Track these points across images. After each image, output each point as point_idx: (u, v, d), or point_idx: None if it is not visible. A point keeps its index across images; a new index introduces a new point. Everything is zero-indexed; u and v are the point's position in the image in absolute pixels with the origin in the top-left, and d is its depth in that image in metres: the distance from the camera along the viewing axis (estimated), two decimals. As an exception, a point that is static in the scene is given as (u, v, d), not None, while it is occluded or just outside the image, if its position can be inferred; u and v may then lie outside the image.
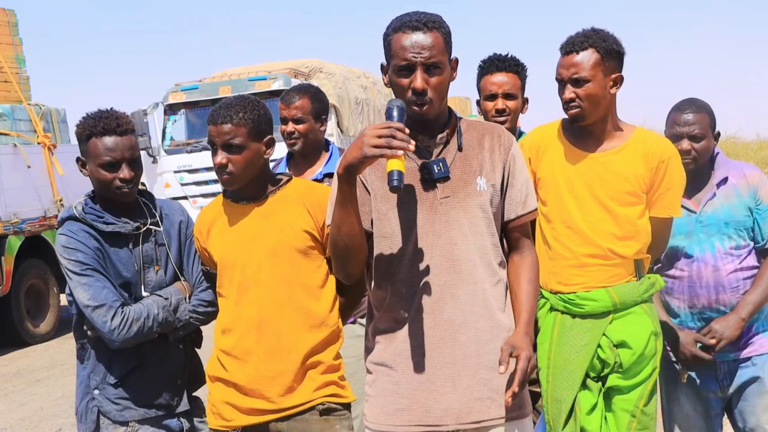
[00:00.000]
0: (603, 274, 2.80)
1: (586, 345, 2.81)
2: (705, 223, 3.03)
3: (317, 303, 2.54)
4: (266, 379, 2.49)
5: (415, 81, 2.15)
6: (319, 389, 2.52)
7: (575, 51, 2.72)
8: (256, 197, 2.58)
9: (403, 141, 1.99)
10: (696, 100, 3.10)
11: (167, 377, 2.68)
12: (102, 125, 2.56)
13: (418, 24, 2.15)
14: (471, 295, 2.21)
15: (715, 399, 3.13)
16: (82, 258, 2.55)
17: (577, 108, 2.74)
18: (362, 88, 16.87)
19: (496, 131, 2.33)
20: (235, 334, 2.54)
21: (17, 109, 9.59)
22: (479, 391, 2.21)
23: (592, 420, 2.83)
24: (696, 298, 3.05)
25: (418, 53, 2.13)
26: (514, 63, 3.37)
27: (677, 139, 3.01)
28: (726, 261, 3.02)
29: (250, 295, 2.52)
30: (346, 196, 2.12)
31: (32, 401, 6.85)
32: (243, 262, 2.53)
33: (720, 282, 3.02)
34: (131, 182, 2.59)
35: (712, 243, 3.03)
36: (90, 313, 2.52)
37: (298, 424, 2.51)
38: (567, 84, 2.74)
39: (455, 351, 2.20)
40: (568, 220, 2.81)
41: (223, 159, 2.48)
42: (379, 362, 2.29)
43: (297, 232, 2.52)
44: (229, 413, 2.54)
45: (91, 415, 2.65)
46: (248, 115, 2.50)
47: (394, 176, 2.00)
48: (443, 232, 2.21)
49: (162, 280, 2.69)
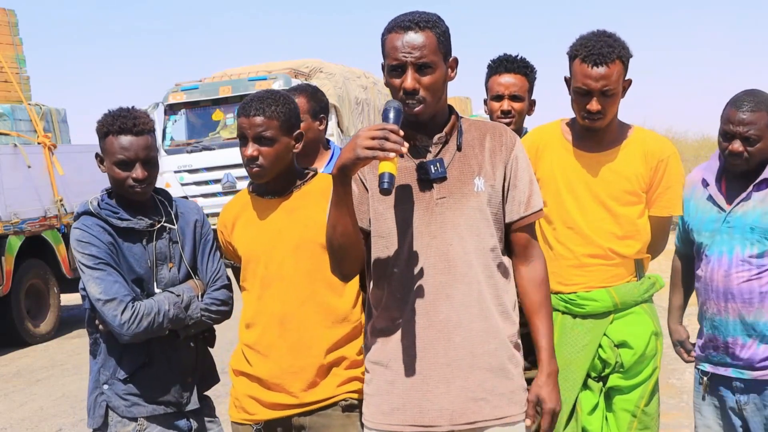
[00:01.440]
0: (603, 274, 2.80)
1: (586, 345, 2.81)
2: (731, 225, 2.79)
3: (340, 299, 2.54)
4: (289, 373, 2.50)
5: (405, 81, 2.14)
6: (342, 385, 2.53)
7: (605, 63, 2.65)
8: (281, 192, 2.59)
9: (396, 143, 1.99)
10: (756, 94, 2.77)
11: (176, 375, 2.68)
12: (119, 124, 2.58)
13: (409, 24, 2.14)
14: (466, 296, 2.20)
15: (735, 415, 2.88)
16: (96, 252, 2.56)
17: (602, 118, 2.72)
18: (362, 88, 16.89)
19: (498, 131, 2.31)
20: (257, 328, 2.55)
21: (17, 109, 9.60)
22: (473, 391, 2.20)
23: (593, 420, 2.83)
24: (708, 302, 2.86)
25: (409, 53, 2.13)
26: (523, 65, 3.34)
27: (728, 139, 2.76)
28: (741, 268, 2.76)
29: (273, 290, 2.53)
30: (340, 197, 2.13)
31: (32, 401, 6.84)
32: (266, 257, 2.54)
33: (729, 289, 2.78)
34: (144, 182, 2.60)
35: (732, 247, 2.78)
36: (101, 307, 2.54)
37: (321, 419, 2.51)
38: (595, 96, 2.68)
39: (449, 352, 2.20)
40: (569, 221, 2.81)
41: (254, 151, 2.48)
42: (375, 361, 2.29)
43: (320, 227, 2.50)
44: (253, 407, 2.55)
45: (99, 409, 2.67)
46: (280, 109, 2.51)
47: (384, 179, 1.99)
48: (439, 233, 2.21)
49: (175, 277, 2.70)
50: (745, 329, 2.78)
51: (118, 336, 2.56)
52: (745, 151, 2.74)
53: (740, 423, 2.87)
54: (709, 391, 2.92)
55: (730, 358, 2.83)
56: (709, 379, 2.91)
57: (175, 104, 13.36)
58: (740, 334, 2.79)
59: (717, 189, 2.86)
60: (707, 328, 2.90)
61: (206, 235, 2.77)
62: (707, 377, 2.92)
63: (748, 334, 2.78)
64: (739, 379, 2.83)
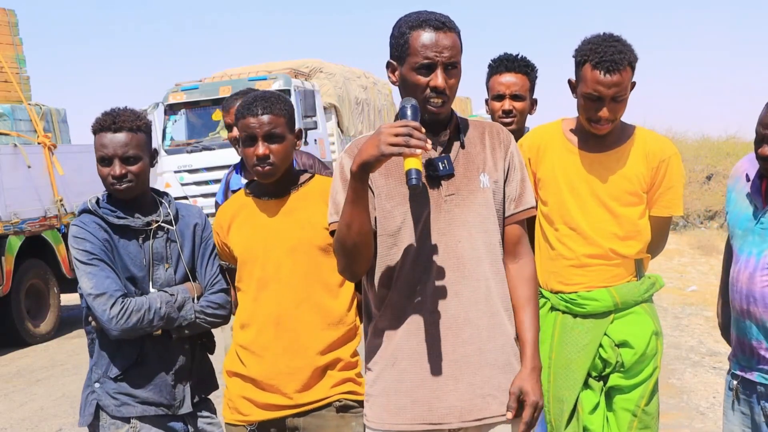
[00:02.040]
0: (604, 274, 2.80)
1: (587, 345, 2.81)
2: (764, 226, 2.64)
3: (335, 301, 2.55)
4: (283, 375, 2.50)
5: (436, 79, 2.16)
6: (336, 386, 2.53)
7: (617, 71, 2.63)
8: (278, 193, 2.59)
9: (421, 140, 2.00)
10: None
11: (169, 376, 2.67)
12: (100, 122, 2.62)
13: (438, 23, 2.17)
14: (474, 293, 2.22)
15: (763, 423, 2.71)
16: (90, 248, 2.58)
17: (610, 124, 2.72)
18: (362, 88, 16.89)
19: (494, 129, 2.35)
20: (252, 329, 2.55)
21: (17, 109, 9.60)
22: (481, 388, 2.21)
23: (594, 419, 2.83)
24: (733, 302, 2.72)
25: (440, 53, 2.15)
26: (524, 64, 3.34)
27: (759, 142, 2.57)
28: (765, 273, 2.60)
29: (269, 292, 2.53)
30: (358, 194, 2.12)
31: (32, 401, 6.84)
32: (263, 258, 2.55)
33: (752, 292, 2.63)
34: (122, 179, 2.60)
35: (762, 249, 2.62)
36: (91, 302, 2.55)
37: (315, 420, 2.52)
38: (606, 103, 2.67)
39: (457, 349, 2.21)
40: (570, 221, 2.80)
41: (265, 150, 2.49)
42: (380, 361, 2.28)
43: (317, 229, 2.52)
44: (246, 408, 2.55)
45: (90, 407, 2.68)
46: (284, 106, 2.54)
47: (412, 174, 2.00)
48: (447, 230, 2.22)
49: (171, 278, 2.70)
50: (766, 334, 2.65)
51: (107, 331, 2.57)
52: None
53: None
54: (738, 396, 2.80)
55: (757, 361, 2.70)
56: (739, 383, 2.79)
57: (175, 104, 13.35)
58: (764, 339, 2.66)
59: (757, 187, 2.71)
60: (735, 330, 2.79)
61: (207, 239, 2.77)
62: (738, 381, 2.80)
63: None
64: (763, 384, 2.70)
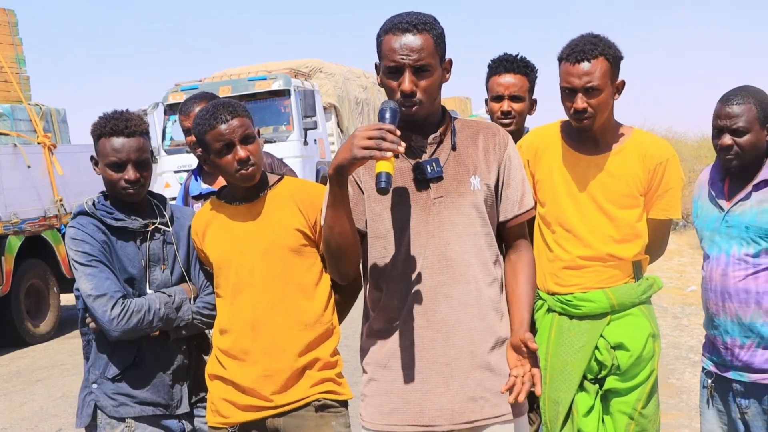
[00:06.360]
0: (600, 275, 2.80)
1: (583, 346, 2.81)
2: (729, 224, 2.78)
3: (311, 302, 2.56)
4: (262, 377, 2.52)
5: (403, 83, 2.15)
6: (315, 386, 2.54)
7: (586, 59, 2.64)
8: (249, 198, 2.60)
9: (393, 143, 1.99)
10: (744, 88, 2.77)
11: (166, 376, 2.69)
12: (111, 126, 2.61)
13: (407, 26, 2.14)
14: (464, 295, 2.22)
15: (738, 420, 2.84)
16: (89, 249, 2.59)
17: (589, 118, 2.70)
18: (362, 88, 16.88)
19: (491, 130, 2.33)
20: (231, 334, 2.57)
21: (17, 109, 9.59)
22: (472, 390, 2.21)
23: (589, 422, 2.83)
24: (708, 301, 2.84)
25: (407, 55, 2.13)
26: (523, 64, 3.32)
27: (718, 134, 2.76)
28: (737, 267, 2.75)
29: (245, 296, 2.55)
30: (337, 198, 2.13)
31: (32, 401, 6.85)
32: (237, 263, 2.56)
33: (726, 289, 2.77)
34: (136, 183, 2.63)
35: (729, 246, 2.77)
36: (91, 303, 2.56)
37: (294, 420, 2.53)
38: (579, 93, 2.68)
39: (448, 351, 2.21)
40: (566, 223, 2.80)
41: (246, 152, 2.50)
42: (374, 362, 2.30)
43: (289, 231, 2.54)
44: (227, 410, 2.57)
45: (87, 408, 2.69)
46: (244, 108, 2.56)
47: (381, 178, 1.99)
48: (436, 232, 2.21)
49: (167, 279, 2.72)
50: (743, 330, 2.76)
51: (107, 332, 2.57)
52: (735, 144, 2.72)
53: (744, 428, 2.83)
54: (713, 394, 2.90)
55: (730, 360, 2.81)
56: (713, 381, 2.89)
57: (175, 104, 13.34)
58: (738, 336, 2.77)
59: (719, 189, 2.85)
60: (709, 329, 2.88)
61: None
62: (711, 379, 2.89)
63: (746, 336, 2.76)
64: (739, 381, 2.80)
